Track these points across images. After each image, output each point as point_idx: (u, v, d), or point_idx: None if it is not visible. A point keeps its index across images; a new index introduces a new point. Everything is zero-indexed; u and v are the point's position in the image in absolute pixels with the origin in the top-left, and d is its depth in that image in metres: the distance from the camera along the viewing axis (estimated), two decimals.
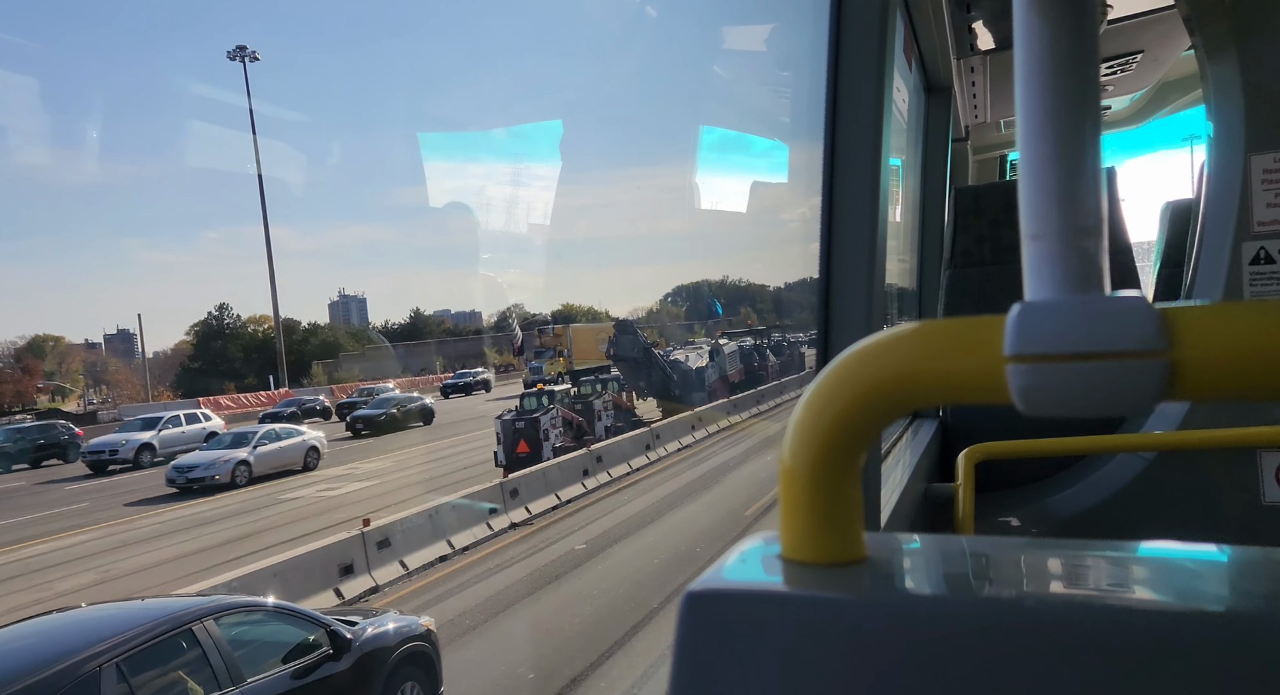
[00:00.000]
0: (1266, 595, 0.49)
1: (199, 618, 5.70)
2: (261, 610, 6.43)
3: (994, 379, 0.49)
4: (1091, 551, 0.56)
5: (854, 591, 0.52)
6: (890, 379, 0.51)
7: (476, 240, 47.82)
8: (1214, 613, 0.46)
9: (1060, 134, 0.51)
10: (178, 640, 5.50)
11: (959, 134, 4.71)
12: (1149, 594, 0.52)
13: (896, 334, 0.52)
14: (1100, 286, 0.50)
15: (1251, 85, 2.27)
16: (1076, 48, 0.51)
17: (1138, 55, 3.85)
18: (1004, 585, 0.56)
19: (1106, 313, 0.47)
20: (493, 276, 59.48)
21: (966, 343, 0.50)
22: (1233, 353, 0.45)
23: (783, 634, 0.50)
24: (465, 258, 75.09)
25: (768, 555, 0.57)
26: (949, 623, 0.47)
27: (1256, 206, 2.29)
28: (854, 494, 0.55)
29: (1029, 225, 0.52)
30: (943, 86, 3.89)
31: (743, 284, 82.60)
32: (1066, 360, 0.47)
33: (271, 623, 6.36)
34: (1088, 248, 0.51)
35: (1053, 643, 0.45)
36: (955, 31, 3.31)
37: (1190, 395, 0.46)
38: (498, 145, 53.56)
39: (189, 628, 5.59)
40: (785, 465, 0.55)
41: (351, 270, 75.70)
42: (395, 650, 6.78)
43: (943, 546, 0.63)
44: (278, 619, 6.44)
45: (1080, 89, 0.51)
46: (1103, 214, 0.51)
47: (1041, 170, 0.51)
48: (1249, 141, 2.28)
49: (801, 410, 0.55)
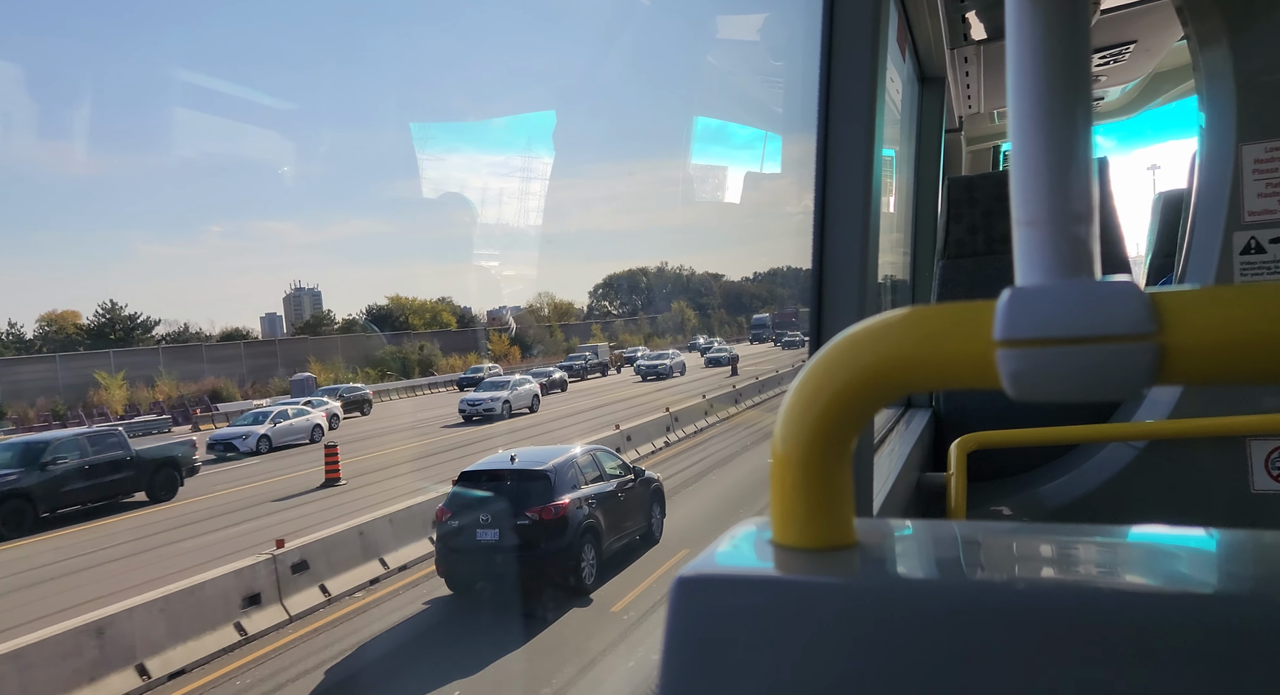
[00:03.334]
0: (1255, 578, 0.50)
1: (590, 453, 13.16)
2: (604, 451, 13.80)
3: (984, 364, 0.49)
4: (1082, 536, 0.57)
5: (845, 576, 0.52)
6: (881, 364, 0.52)
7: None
8: (1203, 595, 0.46)
9: (1052, 122, 0.51)
10: (590, 454, 13.01)
11: (953, 124, 4.70)
12: (1138, 577, 0.52)
13: (887, 319, 0.52)
14: (1090, 272, 0.51)
15: (1243, 76, 2.27)
16: (1068, 36, 0.51)
17: (1130, 45, 3.85)
18: (994, 570, 0.56)
19: (1096, 297, 0.47)
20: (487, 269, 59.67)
21: (957, 328, 0.50)
22: (1221, 337, 0.45)
23: (774, 618, 0.50)
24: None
25: (759, 540, 0.57)
26: (940, 607, 0.48)
27: (1248, 196, 2.29)
28: (845, 479, 0.55)
29: (1021, 212, 0.52)
30: (936, 77, 3.88)
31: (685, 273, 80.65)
32: (1056, 344, 0.47)
33: (609, 459, 13.50)
34: (1078, 233, 0.51)
35: (1043, 626, 0.45)
36: (949, 21, 3.31)
37: (1179, 379, 0.46)
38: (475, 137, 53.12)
39: (590, 453, 13.10)
40: (776, 451, 0.55)
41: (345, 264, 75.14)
42: (652, 485, 13.72)
43: (933, 532, 0.63)
44: (611, 457, 13.70)
45: (1072, 77, 0.51)
46: (1093, 200, 0.51)
47: (1034, 158, 0.51)
48: (1240, 132, 2.29)
49: (793, 396, 0.55)
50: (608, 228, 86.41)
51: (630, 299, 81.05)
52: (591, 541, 11.45)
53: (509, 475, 11.79)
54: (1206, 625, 0.43)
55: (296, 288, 68.49)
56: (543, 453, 13.17)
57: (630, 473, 13.29)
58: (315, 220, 73.87)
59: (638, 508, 12.98)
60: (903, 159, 3.99)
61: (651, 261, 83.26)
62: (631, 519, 12.73)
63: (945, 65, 3.78)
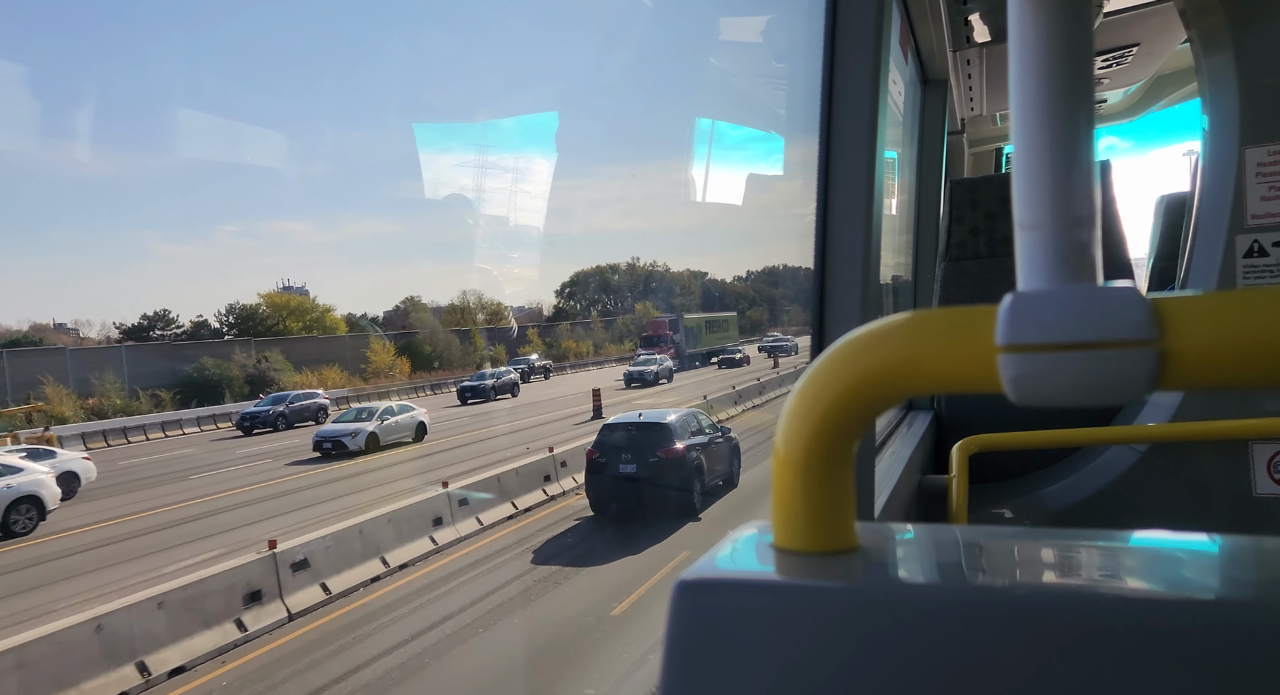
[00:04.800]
0: (1257, 583, 0.50)
1: (692, 413, 17.05)
2: (700, 413, 17.43)
3: (986, 369, 0.49)
4: (1083, 541, 0.57)
5: (846, 580, 0.52)
6: (883, 368, 0.52)
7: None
8: (1205, 601, 0.46)
9: (1054, 125, 0.51)
10: (692, 414, 16.95)
11: (955, 127, 4.70)
12: (1140, 582, 0.52)
13: (889, 324, 0.52)
14: (1093, 277, 0.51)
15: (1246, 78, 2.27)
16: (1070, 39, 0.51)
17: (1133, 48, 3.85)
18: (996, 574, 0.56)
19: (1098, 302, 0.47)
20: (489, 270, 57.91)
21: (959, 332, 0.50)
22: (1223, 342, 0.45)
23: (775, 623, 0.50)
24: None
25: (760, 544, 0.57)
26: (942, 611, 0.48)
27: (1251, 199, 2.29)
28: (847, 483, 0.55)
29: (1022, 215, 0.52)
30: (939, 79, 3.88)
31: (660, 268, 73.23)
32: (1057, 350, 0.47)
33: (704, 418, 17.03)
34: (1081, 238, 0.51)
35: (1044, 631, 0.45)
36: (951, 24, 3.31)
37: (1180, 384, 0.46)
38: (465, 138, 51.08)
39: (692, 414, 17.04)
40: (778, 453, 0.55)
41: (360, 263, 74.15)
42: (733, 442, 17.19)
43: (935, 536, 0.63)
44: (706, 417, 17.20)
45: (1074, 80, 0.51)
46: (1095, 205, 0.51)
47: (1035, 161, 0.51)
48: (1243, 134, 2.28)
49: (795, 399, 0.55)
50: (598, 228, 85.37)
51: (600, 299, 73.24)
52: (698, 477, 15.41)
53: (640, 426, 15.94)
54: (1208, 630, 0.43)
55: (284, 286, 65.95)
56: (659, 412, 17.33)
57: (718, 431, 17.17)
58: (327, 220, 73.18)
59: (724, 457, 16.75)
60: (905, 161, 3.99)
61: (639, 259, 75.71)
62: (721, 465, 16.49)
63: (948, 67, 3.77)
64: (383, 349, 48.82)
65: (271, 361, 44.22)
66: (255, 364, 43.69)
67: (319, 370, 44.78)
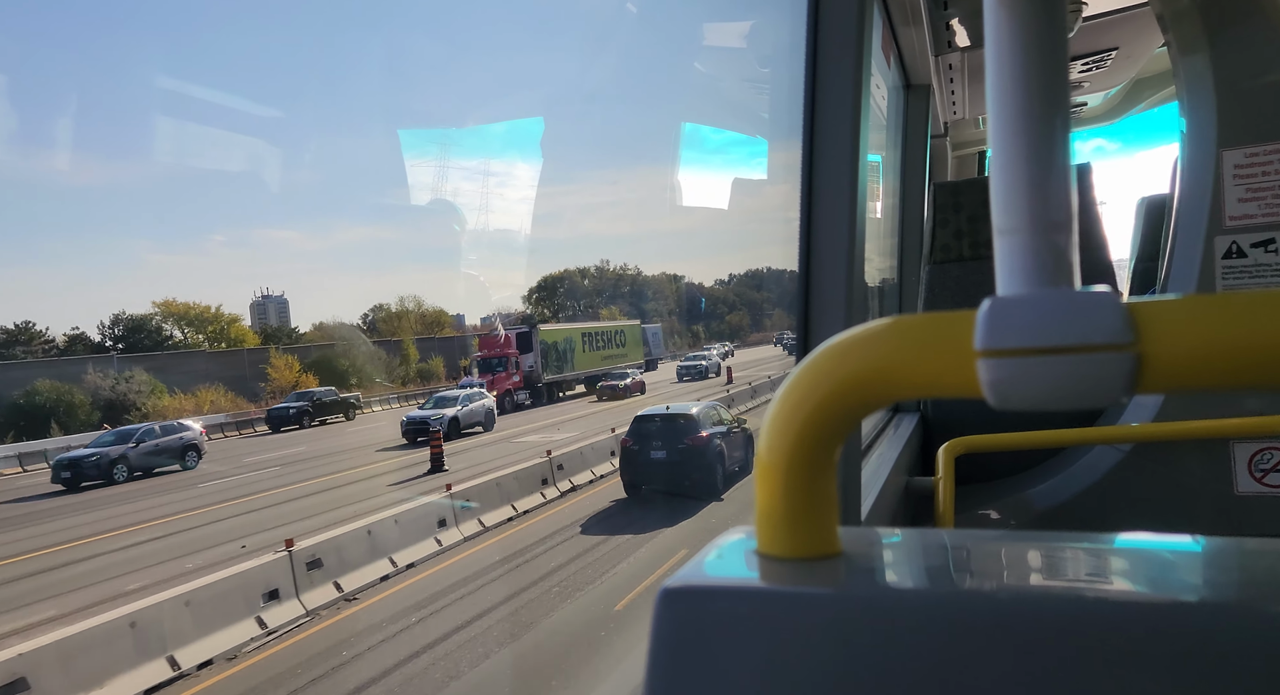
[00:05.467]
0: (1239, 584, 0.50)
1: (712, 406, 19.52)
2: (719, 405, 20.06)
3: (965, 373, 0.49)
4: (1068, 543, 0.57)
5: (830, 586, 0.52)
6: (864, 374, 0.52)
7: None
8: (1188, 602, 0.46)
9: (1030, 130, 0.51)
10: (712, 407, 19.35)
11: (938, 130, 4.73)
12: (1125, 585, 0.52)
13: (870, 329, 0.53)
14: (1070, 281, 0.51)
15: (1223, 81, 2.30)
16: (1046, 45, 0.51)
17: (1112, 52, 3.89)
18: (981, 578, 0.56)
19: (1075, 307, 0.48)
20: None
21: (938, 338, 0.50)
22: (1199, 345, 0.45)
23: (759, 629, 0.50)
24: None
25: (745, 551, 0.57)
26: (926, 616, 0.48)
27: (1229, 201, 2.31)
28: (830, 488, 0.55)
29: (1000, 220, 0.52)
30: (921, 84, 3.91)
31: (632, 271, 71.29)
32: (1035, 354, 0.47)
33: (724, 410, 19.34)
34: (1058, 242, 0.51)
35: (1030, 634, 0.45)
36: (933, 29, 3.33)
37: (1157, 387, 0.47)
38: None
39: (712, 406, 19.55)
40: (761, 459, 0.55)
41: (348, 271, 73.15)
42: (747, 433, 18.60)
43: (919, 540, 0.63)
44: (725, 409, 19.72)
45: (1050, 85, 0.51)
46: (1072, 209, 0.51)
47: (1012, 166, 0.52)
48: (1221, 137, 2.31)
49: (777, 405, 0.55)
50: (585, 233, 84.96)
51: (568, 304, 69.95)
52: (720, 463, 17.27)
53: (668, 417, 17.79)
54: (1192, 632, 0.44)
55: (264, 295, 60.90)
56: (683, 405, 19.28)
57: (736, 422, 19.07)
58: (317, 226, 72.41)
59: (740, 445, 18.28)
60: (889, 165, 4.01)
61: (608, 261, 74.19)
62: (738, 452, 18.06)
63: (930, 72, 3.80)
64: (285, 366, 40.38)
65: (135, 382, 34.43)
66: (113, 386, 33.89)
67: (198, 391, 35.88)
